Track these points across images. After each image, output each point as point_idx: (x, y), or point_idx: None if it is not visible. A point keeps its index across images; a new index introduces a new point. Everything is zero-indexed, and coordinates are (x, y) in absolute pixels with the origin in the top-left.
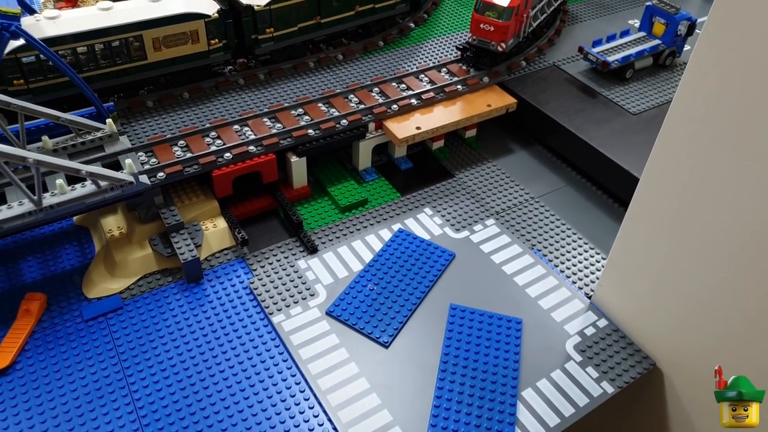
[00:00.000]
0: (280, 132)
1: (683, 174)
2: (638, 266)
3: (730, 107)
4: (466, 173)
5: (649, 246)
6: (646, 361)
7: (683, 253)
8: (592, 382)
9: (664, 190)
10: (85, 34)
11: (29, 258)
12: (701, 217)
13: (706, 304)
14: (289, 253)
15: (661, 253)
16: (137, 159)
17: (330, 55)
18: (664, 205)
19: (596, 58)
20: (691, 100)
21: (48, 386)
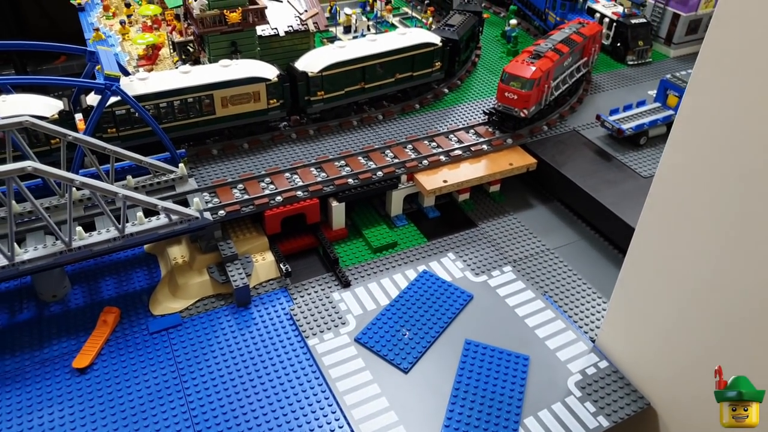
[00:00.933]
0: (324, 180)
1: (673, 226)
2: (636, 314)
3: (708, 175)
4: (489, 224)
5: (644, 294)
6: (641, 401)
7: (677, 303)
8: (589, 416)
9: (656, 241)
10: (166, 92)
11: (107, 278)
12: (691, 269)
13: (697, 350)
14: (326, 285)
15: (656, 302)
16: (202, 198)
17: (371, 115)
18: (658, 256)
19: (612, 125)
20: (674, 165)
21: (118, 386)
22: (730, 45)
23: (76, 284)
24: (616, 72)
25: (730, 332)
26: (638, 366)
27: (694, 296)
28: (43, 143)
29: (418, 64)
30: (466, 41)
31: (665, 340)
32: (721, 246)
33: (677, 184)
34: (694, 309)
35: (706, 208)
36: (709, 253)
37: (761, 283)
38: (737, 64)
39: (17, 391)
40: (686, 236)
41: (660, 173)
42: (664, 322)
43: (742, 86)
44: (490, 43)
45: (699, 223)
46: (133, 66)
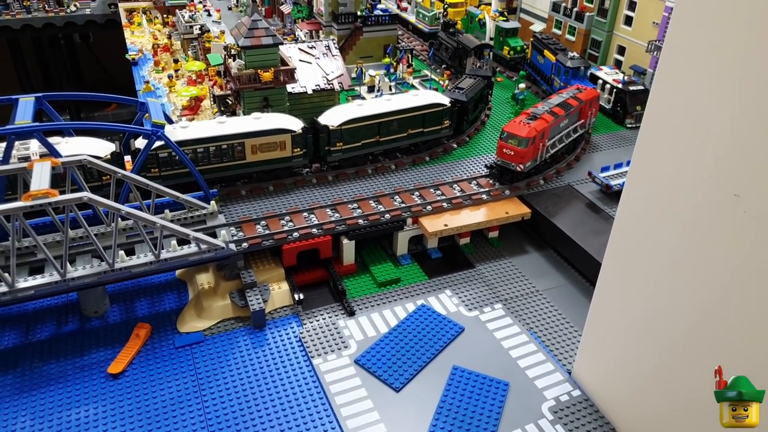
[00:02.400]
0: (337, 220)
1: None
2: (603, 346)
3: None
4: (486, 265)
5: (610, 327)
6: (607, 426)
7: (642, 334)
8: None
9: (617, 280)
10: (204, 139)
11: (142, 298)
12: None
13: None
14: (333, 313)
15: (621, 334)
16: (229, 231)
17: (385, 164)
18: (619, 293)
19: (601, 181)
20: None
21: (145, 391)
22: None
23: (115, 302)
24: (615, 133)
25: (679, 357)
26: (607, 395)
27: (656, 325)
28: (96, 179)
29: (428, 122)
30: (474, 102)
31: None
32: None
33: (632, 227)
34: (658, 338)
35: (656, 250)
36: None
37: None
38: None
39: (59, 391)
40: (647, 267)
41: (618, 219)
42: (629, 353)
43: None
44: (500, 104)
45: (652, 264)
46: (177, 115)
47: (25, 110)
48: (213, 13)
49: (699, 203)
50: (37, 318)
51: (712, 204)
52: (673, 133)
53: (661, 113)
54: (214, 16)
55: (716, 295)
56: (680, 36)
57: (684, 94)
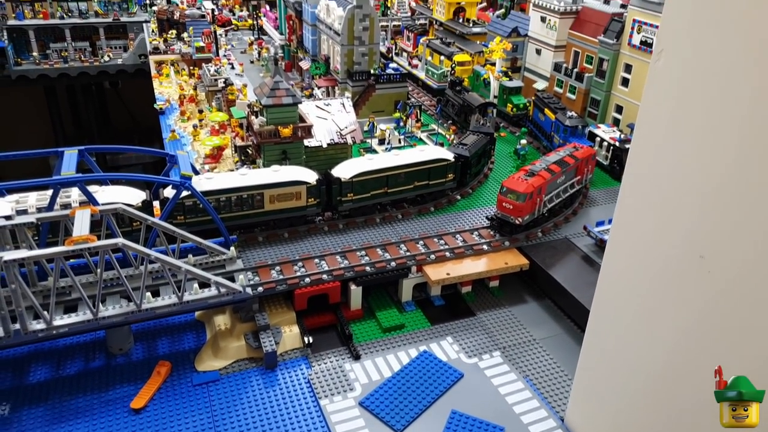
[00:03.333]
0: (346, 267)
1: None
2: (593, 393)
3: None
4: (486, 314)
5: (600, 374)
6: None
7: (631, 380)
8: None
9: (605, 327)
10: (227, 189)
11: (164, 338)
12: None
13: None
14: (339, 357)
15: (611, 380)
16: (246, 276)
17: (392, 214)
18: (608, 340)
19: (595, 235)
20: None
21: (164, 426)
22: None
23: (138, 341)
24: (611, 189)
25: (665, 403)
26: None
27: (634, 373)
28: (127, 225)
29: (433, 175)
30: (477, 157)
31: (622, 416)
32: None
33: (615, 278)
34: (646, 385)
35: (636, 299)
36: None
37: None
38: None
39: (86, 424)
40: (633, 315)
41: (603, 271)
42: (619, 399)
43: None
44: (503, 157)
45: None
46: (200, 163)
47: (70, 162)
48: (236, 66)
49: (671, 261)
50: (67, 354)
51: (682, 262)
52: (647, 200)
53: (636, 182)
54: (237, 69)
55: (691, 342)
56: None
57: (654, 167)
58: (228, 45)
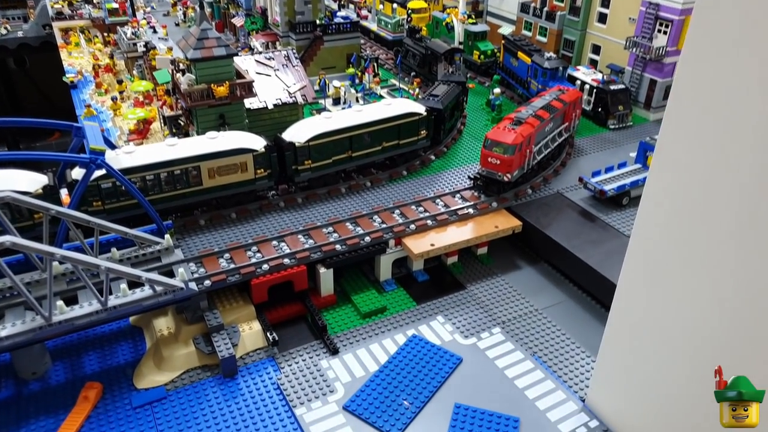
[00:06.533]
0: (312, 247)
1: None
2: (622, 370)
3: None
4: (477, 285)
5: (630, 351)
6: None
7: (662, 357)
8: None
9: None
10: (153, 165)
11: (90, 352)
12: (674, 322)
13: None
14: (314, 353)
15: (642, 357)
16: (188, 269)
17: (360, 182)
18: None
19: (594, 187)
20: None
21: None
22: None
23: (58, 360)
24: (598, 136)
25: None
26: (628, 423)
27: (677, 348)
28: (27, 218)
29: (404, 133)
30: (450, 110)
31: (653, 395)
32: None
33: (653, 239)
34: (679, 361)
35: (683, 260)
36: (688, 305)
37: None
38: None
39: None
40: (666, 290)
41: (637, 230)
42: (650, 378)
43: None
44: (475, 111)
45: (678, 277)
46: (124, 140)
47: None
48: (159, 30)
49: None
50: None
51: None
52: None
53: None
54: (160, 33)
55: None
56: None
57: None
58: (147, 7)
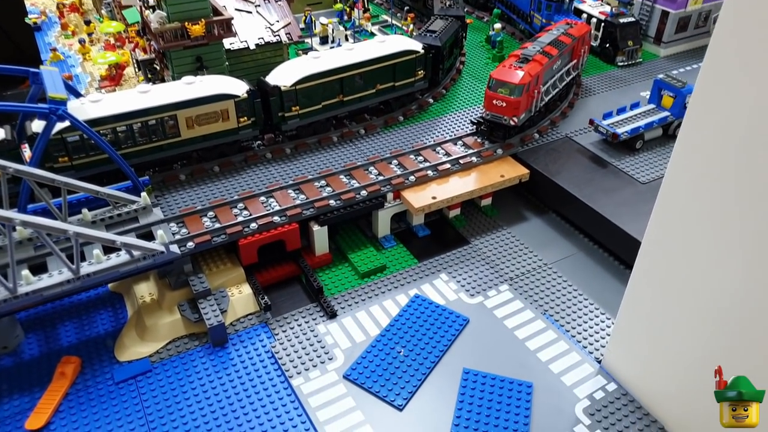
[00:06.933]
0: (304, 203)
1: (681, 239)
2: (643, 330)
3: (717, 179)
4: (482, 240)
5: (653, 310)
6: (654, 426)
7: (687, 317)
8: None
9: (664, 254)
10: (124, 115)
11: (66, 323)
12: (703, 281)
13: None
14: (310, 317)
15: (666, 317)
16: (169, 230)
17: (352, 129)
18: (665, 270)
19: (606, 130)
20: (682, 172)
21: None
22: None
23: (31, 332)
24: (606, 74)
25: (745, 346)
26: (648, 386)
27: (706, 310)
28: None
29: (399, 74)
30: (449, 47)
31: (676, 358)
32: (734, 257)
33: (686, 193)
34: (707, 324)
35: (718, 216)
36: (721, 265)
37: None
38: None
39: None
40: (697, 249)
41: (667, 183)
42: (674, 339)
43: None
44: (474, 48)
45: (711, 235)
46: (95, 88)
47: None
48: None
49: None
50: None
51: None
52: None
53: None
54: None
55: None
56: None
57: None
58: None
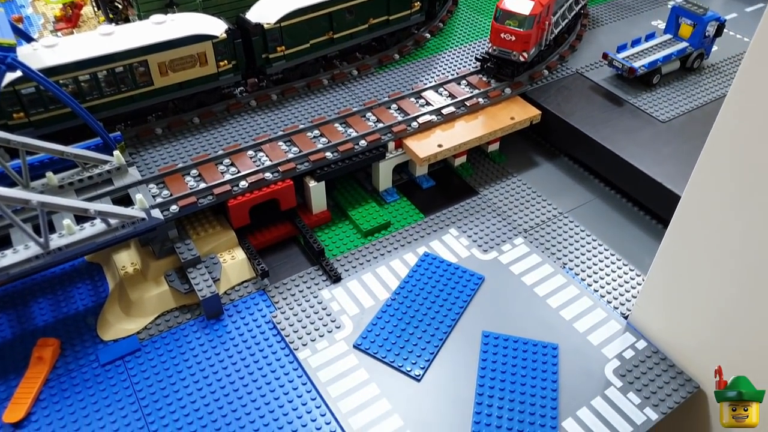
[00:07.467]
0: (297, 156)
1: (730, 191)
2: (680, 285)
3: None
4: (491, 189)
5: (692, 265)
6: (689, 384)
7: (728, 272)
8: (635, 409)
9: (708, 207)
10: (86, 61)
11: (40, 300)
12: (748, 235)
13: (752, 322)
14: (312, 283)
15: (705, 272)
16: (148, 192)
17: (344, 71)
18: (709, 223)
19: (622, 64)
20: (738, 117)
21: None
22: None
23: (1, 312)
24: (612, 2)
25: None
26: (683, 344)
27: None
28: None
29: (394, 6)
30: None
31: (715, 310)
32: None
33: (737, 142)
34: (747, 277)
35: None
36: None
37: None
38: None
39: None
40: (746, 200)
41: (715, 133)
42: (711, 294)
43: None
44: None
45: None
46: (50, 31)
47: None
48: None
49: None
50: None
51: None
52: None
53: None
54: None
55: None
56: None
57: None
58: None
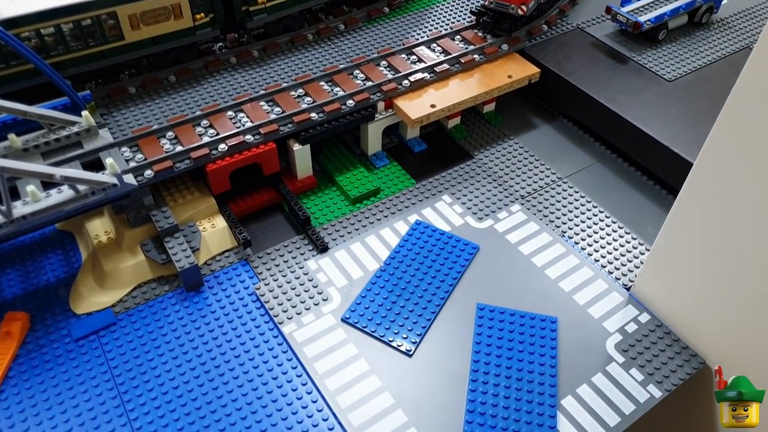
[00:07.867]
0: (280, 117)
1: (746, 157)
2: (688, 256)
3: None
4: (486, 153)
5: (701, 235)
6: (694, 360)
7: (739, 244)
8: (638, 386)
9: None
10: (49, 12)
11: (8, 271)
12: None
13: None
14: (297, 252)
15: (716, 243)
16: (120, 156)
17: (330, 25)
18: (723, 191)
19: (626, 18)
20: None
21: (37, 417)
22: None
23: None
24: None
25: None
26: (688, 315)
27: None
28: None
29: None
30: None
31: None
32: None
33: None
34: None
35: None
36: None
37: None
38: None
39: None
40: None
41: (737, 91)
42: (722, 267)
43: None
44: None
45: None
46: None
47: None
48: None
49: None
50: None
51: None
52: None
53: None
54: None
55: None
56: None
57: None
58: None
